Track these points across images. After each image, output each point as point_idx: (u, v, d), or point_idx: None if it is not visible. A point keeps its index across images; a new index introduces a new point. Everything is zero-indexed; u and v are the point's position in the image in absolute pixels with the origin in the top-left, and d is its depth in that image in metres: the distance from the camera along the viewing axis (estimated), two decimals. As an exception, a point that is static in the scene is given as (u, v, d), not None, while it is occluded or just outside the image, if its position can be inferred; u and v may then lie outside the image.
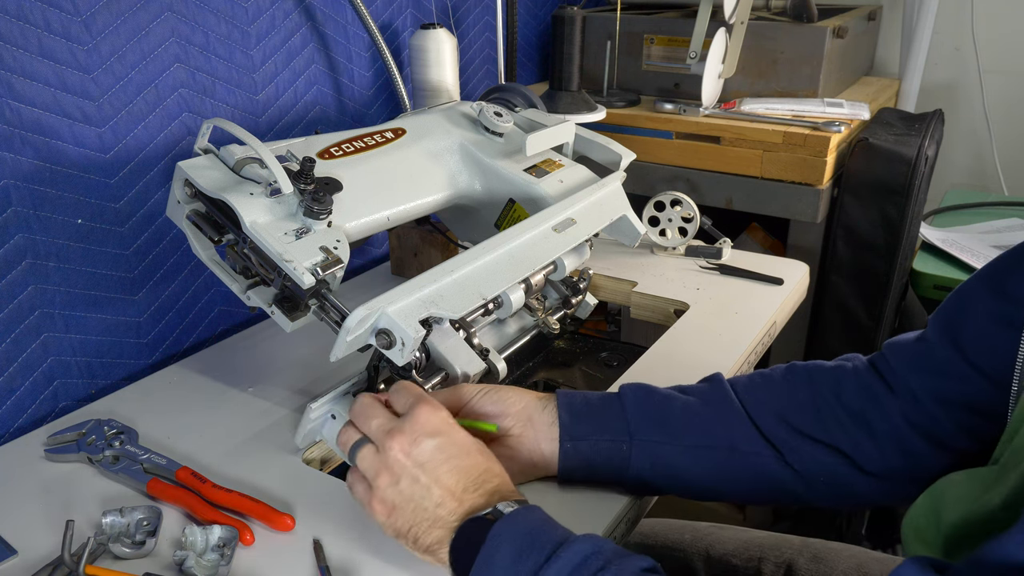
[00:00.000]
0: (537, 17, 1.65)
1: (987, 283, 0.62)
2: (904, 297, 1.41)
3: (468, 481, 0.60)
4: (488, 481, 0.60)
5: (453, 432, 0.62)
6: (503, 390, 0.72)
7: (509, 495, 0.60)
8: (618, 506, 0.70)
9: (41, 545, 0.66)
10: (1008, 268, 0.60)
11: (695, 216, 1.15)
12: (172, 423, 0.82)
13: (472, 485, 0.60)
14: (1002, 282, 0.60)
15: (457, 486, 0.59)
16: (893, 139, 1.31)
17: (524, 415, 0.70)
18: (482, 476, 0.60)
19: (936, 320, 0.66)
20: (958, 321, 0.63)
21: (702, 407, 0.70)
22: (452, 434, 0.62)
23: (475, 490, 0.59)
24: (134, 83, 0.90)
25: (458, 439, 0.62)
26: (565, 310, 0.96)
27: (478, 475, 0.60)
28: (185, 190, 0.77)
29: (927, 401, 0.65)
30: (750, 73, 1.46)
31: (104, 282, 0.91)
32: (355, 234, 0.80)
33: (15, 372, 0.84)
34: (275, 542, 0.66)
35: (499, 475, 0.61)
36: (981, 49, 1.68)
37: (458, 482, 0.59)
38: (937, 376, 0.64)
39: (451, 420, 0.63)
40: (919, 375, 0.66)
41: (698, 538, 0.92)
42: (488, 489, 0.60)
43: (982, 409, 0.62)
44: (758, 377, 0.72)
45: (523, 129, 0.96)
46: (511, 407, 0.70)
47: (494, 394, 0.71)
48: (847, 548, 0.88)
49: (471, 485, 0.60)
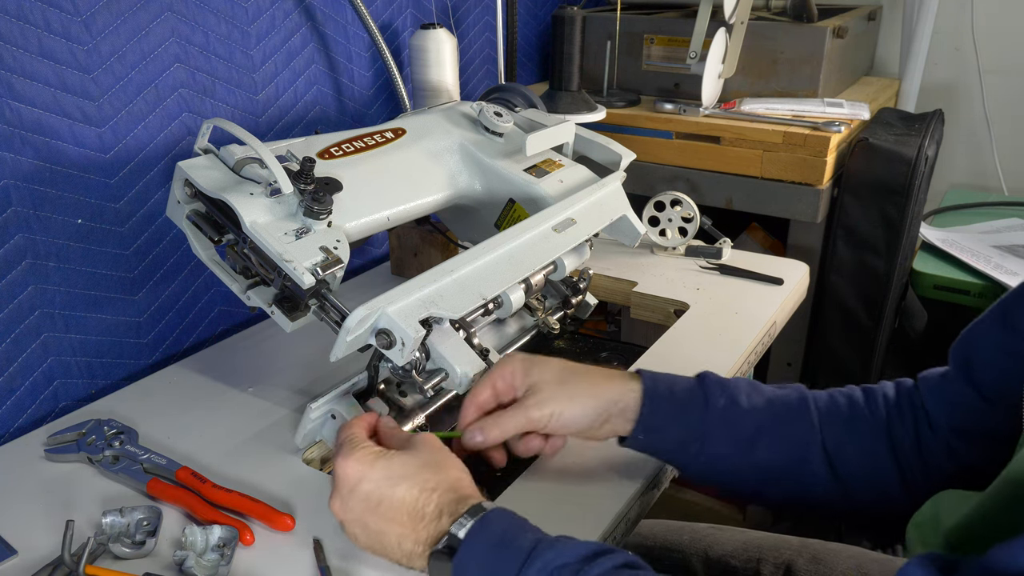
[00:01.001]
0: (537, 17, 1.65)
1: (997, 316, 0.63)
2: (904, 297, 1.41)
3: (410, 511, 0.59)
4: (428, 502, 0.59)
5: (372, 469, 0.60)
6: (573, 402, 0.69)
7: (457, 508, 0.59)
8: (619, 504, 0.70)
9: (41, 545, 0.66)
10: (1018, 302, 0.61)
11: (695, 216, 1.15)
12: (172, 423, 0.82)
13: (416, 512, 0.59)
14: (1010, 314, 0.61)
15: (403, 519, 0.59)
16: (893, 139, 1.31)
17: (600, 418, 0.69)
18: (419, 500, 0.59)
19: (952, 354, 0.67)
20: (970, 355, 0.64)
21: (780, 427, 0.70)
22: (371, 473, 0.60)
23: (421, 517, 0.59)
24: (134, 83, 0.90)
25: (378, 474, 0.60)
26: (565, 310, 0.96)
27: (413, 500, 0.59)
28: (185, 190, 0.77)
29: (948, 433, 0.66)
30: (750, 73, 1.46)
31: (104, 282, 0.91)
32: (355, 234, 0.80)
33: (15, 372, 0.84)
34: (275, 542, 0.66)
35: (434, 486, 0.60)
36: (981, 49, 1.68)
37: (401, 515, 0.59)
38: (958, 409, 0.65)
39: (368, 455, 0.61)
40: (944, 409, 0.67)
41: (697, 539, 0.92)
42: (432, 512, 0.59)
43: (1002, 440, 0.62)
44: (841, 398, 0.72)
45: (523, 129, 0.96)
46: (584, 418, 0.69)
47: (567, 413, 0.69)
48: (846, 549, 0.88)
49: (415, 513, 0.59)
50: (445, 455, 0.63)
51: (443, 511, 0.59)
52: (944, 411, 0.66)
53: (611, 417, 0.69)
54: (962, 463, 0.65)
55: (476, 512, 0.58)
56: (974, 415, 0.64)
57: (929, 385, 0.69)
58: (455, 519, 0.58)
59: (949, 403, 0.66)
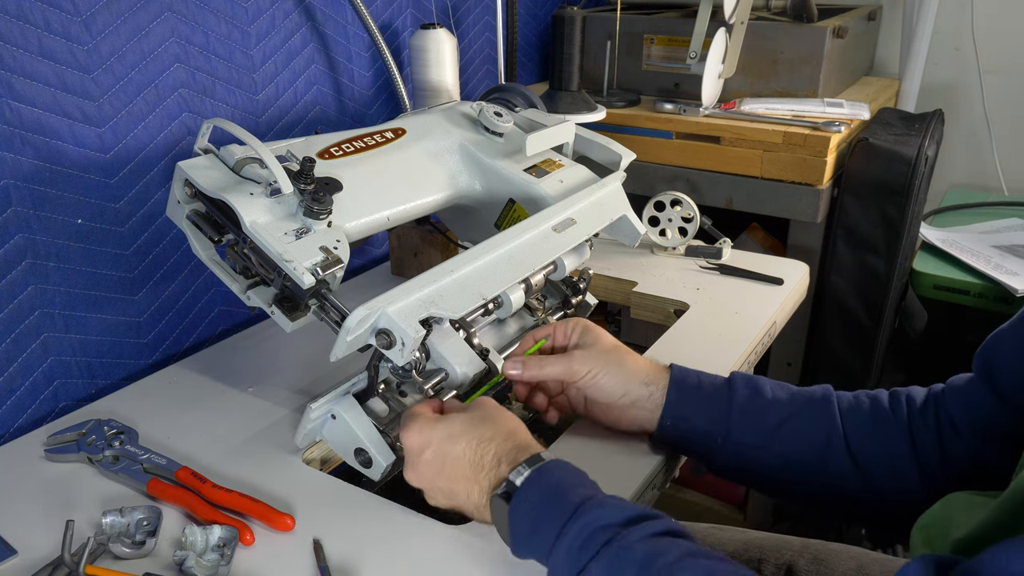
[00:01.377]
0: (537, 17, 1.65)
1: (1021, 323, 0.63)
2: (904, 297, 1.40)
3: (471, 462, 0.63)
4: (486, 452, 0.63)
5: (432, 433, 0.64)
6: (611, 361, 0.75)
7: (516, 456, 0.62)
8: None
9: (41, 545, 0.66)
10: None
11: (695, 216, 1.15)
12: (172, 423, 0.82)
13: (477, 463, 0.63)
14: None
15: (467, 472, 0.63)
16: (893, 139, 1.31)
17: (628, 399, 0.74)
18: (478, 452, 0.63)
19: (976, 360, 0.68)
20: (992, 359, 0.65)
21: (805, 423, 0.72)
22: (432, 437, 0.64)
23: (482, 467, 0.62)
24: (134, 83, 0.90)
25: (438, 436, 0.64)
26: (565, 310, 0.96)
27: (472, 452, 0.63)
28: (185, 190, 0.77)
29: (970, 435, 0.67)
30: (750, 73, 1.46)
31: (104, 282, 0.91)
32: (355, 234, 0.79)
33: (15, 372, 0.84)
34: (275, 542, 0.66)
35: (491, 436, 0.64)
36: (981, 49, 1.68)
37: (465, 469, 0.63)
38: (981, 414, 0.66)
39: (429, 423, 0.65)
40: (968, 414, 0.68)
41: (698, 539, 0.92)
42: (491, 461, 0.62)
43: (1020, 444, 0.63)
44: (865, 398, 0.74)
45: (523, 129, 0.96)
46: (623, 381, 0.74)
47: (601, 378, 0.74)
48: (848, 549, 0.88)
49: (476, 464, 0.63)
50: (500, 410, 0.67)
51: (501, 459, 0.62)
52: (966, 414, 0.67)
53: (639, 399, 0.74)
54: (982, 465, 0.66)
55: (534, 462, 0.61)
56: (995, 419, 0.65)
57: (955, 389, 0.70)
58: (514, 467, 0.61)
59: (971, 406, 0.67)
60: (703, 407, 0.73)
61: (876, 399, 0.73)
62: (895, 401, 0.73)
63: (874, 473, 0.70)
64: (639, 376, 0.75)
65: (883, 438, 0.70)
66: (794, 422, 0.72)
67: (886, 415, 0.72)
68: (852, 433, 0.71)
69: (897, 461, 0.70)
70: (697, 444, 0.74)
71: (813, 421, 0.72)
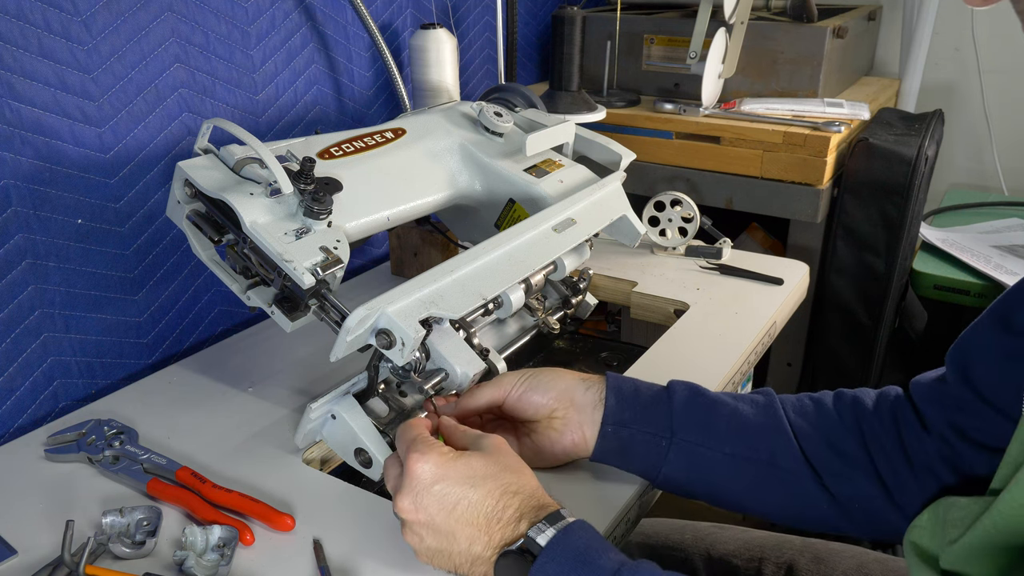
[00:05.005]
0: (537, 17, 1.65)
1: (995, 318, 0.62)
2: (904, 297, 1.41)
3: (488, 512, 0.58)
4: (508, 505, 0.58)
5: (451, 469, 0.59)
6: (543, 374, 0.73)
7: (537, 514, 0.58)
8: (620, 503, 0.70)
9: (41, 545, 0.66)
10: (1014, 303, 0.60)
11: (695, 216, 1.15)
12: (172, 423, 0.82)
13: (495, 515, 0.58)
14: (1008, 317, 0.60)
15: (480, 520, 0.58)
16: (893, 139, 1.31)
17: (566, 397, 0.71)
18: (500, 502, 0.58)
19: (950, 358, 0.66)
20: (969, 358, 0.64)
21: (749, 418, 0.70)
22: (450, 473, 0.59)
23: (499, 520, 0.58)
24: (134, 83, 0.90)
25: (458, 474, 0.59)
26: (565, 310, 0.96)
27: (495, 502, 0.58)
28: (185, 190, 0.77)
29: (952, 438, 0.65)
30: (750, 73, 1.46)
31: (104, 282, 0.91)
32: (355, 234, 0.79)
33: (15, 372, 0.84)
34: (275, 542, 0.66)
35: (516, 490, 0.59)
36: (981, 49, 1.68)
37: (478, 517, 0.58)
38: (956, 412, 0.64)
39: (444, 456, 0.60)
40: (941, 412, 0.66)
41: (699, 538, 0.92)
42: (511, 515, 0.58)
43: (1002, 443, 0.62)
44: (807, 399, 0.72)
45: (523, 129, 0.96)
46: (554, 390, 0.71)
47: (534, 379, 0.72)
48: (848, 548, 0.88)
49: (493, 516, 0.58)
50: (520, 461, 0.63)
51: (523, 516, 0.58)
52: (941, 413, 0.65)
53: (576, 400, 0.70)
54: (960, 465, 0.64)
55: (555, 520, 0.57)
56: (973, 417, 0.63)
57: (923, 388, 0.68)
58: (533, 524, 0.57)
59: (947, 405, 0.65)
60: (645, 409, 0.70)
61: (819, 400, 0.72)
62: (840, 403, 0.71)
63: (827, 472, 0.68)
64: (575, 377, 0.72)
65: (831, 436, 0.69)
66: (740, 418, 0.70)
67: (831, 415, 0.70)
68: (800, 429, 0.69)
69: (848, 460, 0.68)
70: (642, 452, 0.70)
71: (759, 417, 0.70)
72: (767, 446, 0.69)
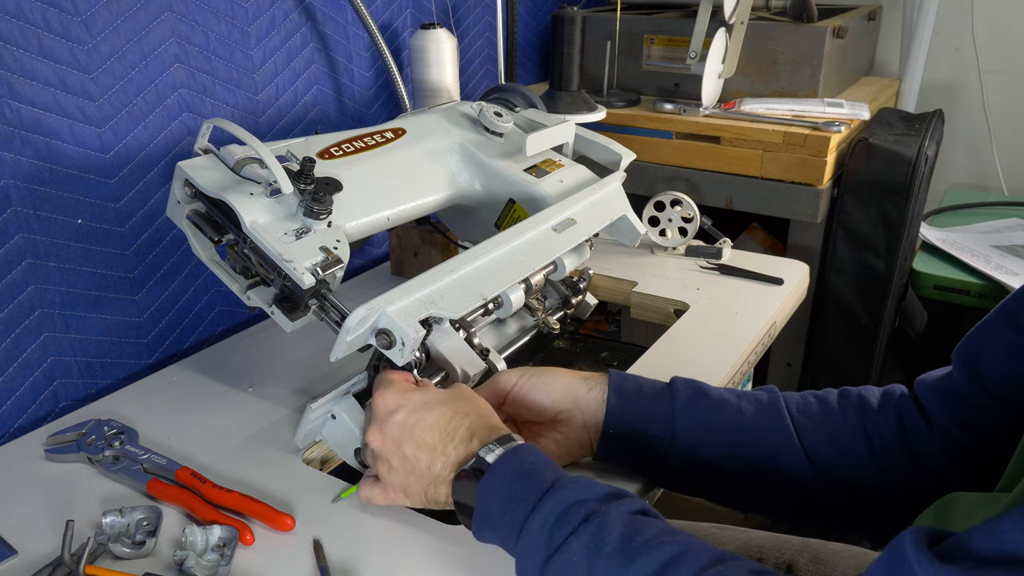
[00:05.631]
0: (537, 17, 1.65)
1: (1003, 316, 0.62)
2: (904, 297, 1.41)
3: (442, 430, 0.63)
4: (460, 424, 0.63)
5: (409, 398, 0.65)
6: (544, 373, 0.73)
7: (488, 434, 0.62)
8: None
9: (41, 545, 0.66)
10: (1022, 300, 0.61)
11: (695, 216, 1.15)
12: (172, 423, 0.82)
13: (447, 433, 0.63)
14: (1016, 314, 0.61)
15: (436, 442, 0.63)
16: (893, 139, 1.31)
17: (569, 398, 0.71)
18: (452, 422, 0.63)
19: (957, 356, 0.67)
20: (977, 355, 0.64)
21: (751, 417, 0.70)
22: (409, 401, 0.65)
23: (452, 437, 0.62)
24: (134, 83, 0.90)
25: (415, 401, 0.65)
26: (565, 310, 0.96)
27: (447, 422, 0.63)
28: (185, 190, 0.77)
29: (957, 435, 0.65)
30: (750, 73, 1.46)
31: (104, 282, 0.91)
32: (355, 234, 0.79)
33: (15, 372, 0.84)
34: (275, 542, 0.66)
35: (467, 411, 0.64)
36: (981, 49, 1.68)
37: (434, 437, 0.63)
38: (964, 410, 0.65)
39: (407, 389, 0.66)
40: (948, 410, 0.66)
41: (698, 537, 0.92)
42: (463, 434, 0.62)
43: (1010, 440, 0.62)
44: (812, 397, 0.73)
45: (523, 129, 0.96)
46: (555, 390, 0.72)
47: (536, 378, 0.73)
48: (847, 549, 0.88)
49: (447, 433, 0.63)
50: (477, 396, 0.67)
51: (474, 435, 0.62)
52: (947, 411, 0.66)
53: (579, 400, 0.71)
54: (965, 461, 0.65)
55: (506, 441, 0.61)
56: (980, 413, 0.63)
57: (928, 386, 0.69)
58: (485, 444, 0.61)
59: (953, 403, 0.65)
60: (646, 409, 0.70)
61: (824, 399, 0.72)
62: (845, 401, 0.71)
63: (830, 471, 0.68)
64: (577, 377, 0.73)
65: (834, 434, 0.69)
66: (742, 418, 0.70)
67: (835, 413, 0.70)
68: (803, 427, 0.69)
69: (851, 459, 0.68)
70: (644, 452, 0.70)
71: (762, 417, 0.70)
72: (768, 445, 0.69)
